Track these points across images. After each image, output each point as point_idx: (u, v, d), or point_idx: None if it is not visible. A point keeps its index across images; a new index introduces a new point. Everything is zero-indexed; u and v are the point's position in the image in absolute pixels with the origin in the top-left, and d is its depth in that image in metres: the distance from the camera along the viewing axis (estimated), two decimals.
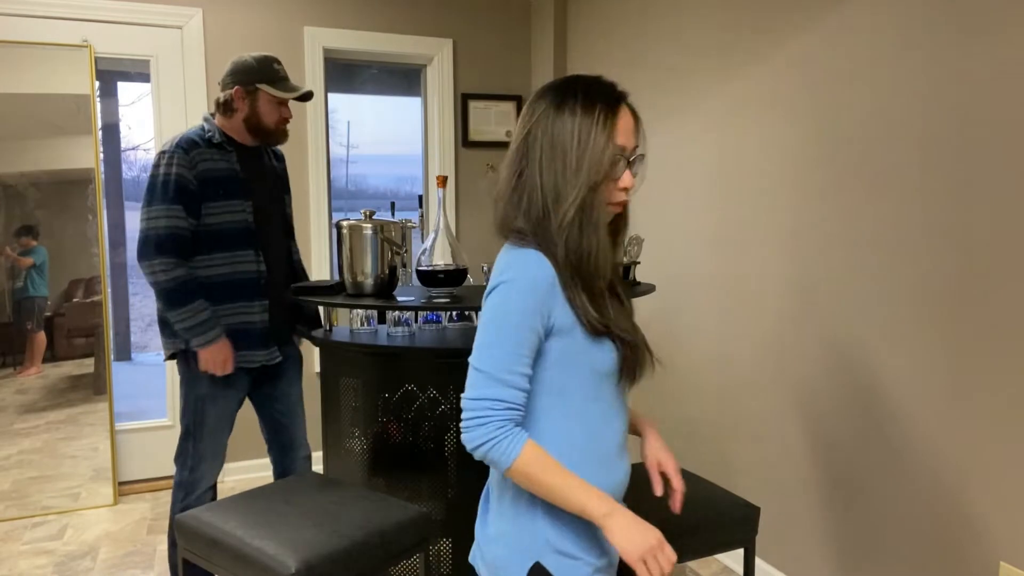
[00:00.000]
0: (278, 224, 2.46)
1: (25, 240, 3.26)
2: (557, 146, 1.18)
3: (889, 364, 2.10)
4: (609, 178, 1.19)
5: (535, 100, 1.23)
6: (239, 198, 2.27)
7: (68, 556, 2.87)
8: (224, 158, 2.27)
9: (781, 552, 2.54)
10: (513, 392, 1.14)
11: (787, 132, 2.43)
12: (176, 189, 2.17)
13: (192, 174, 2.20)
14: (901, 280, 2.05)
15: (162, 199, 2.17)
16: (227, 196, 2.25)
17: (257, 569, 1.63)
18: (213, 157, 2.25)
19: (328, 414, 2.41)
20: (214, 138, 2.26)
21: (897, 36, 2.04)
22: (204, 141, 2.25)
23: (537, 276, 1.15)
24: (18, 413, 3.26)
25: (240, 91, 2.27)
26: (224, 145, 2.28)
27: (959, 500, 1.93)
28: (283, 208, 2.51)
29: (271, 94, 2.29)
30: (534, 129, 1.20)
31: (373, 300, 2.13)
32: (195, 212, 2.21)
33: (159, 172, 2.20)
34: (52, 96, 3.25)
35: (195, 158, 2.21)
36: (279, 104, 2.32)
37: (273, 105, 2.31)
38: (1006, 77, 1.76)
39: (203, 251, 2.24)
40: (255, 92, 2.28)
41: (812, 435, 2.39)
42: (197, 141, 2.24)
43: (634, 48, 3.25)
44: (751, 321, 2.64)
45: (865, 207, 2.16)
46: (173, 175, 2.17)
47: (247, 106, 2.29)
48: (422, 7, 3.83)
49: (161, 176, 2.19)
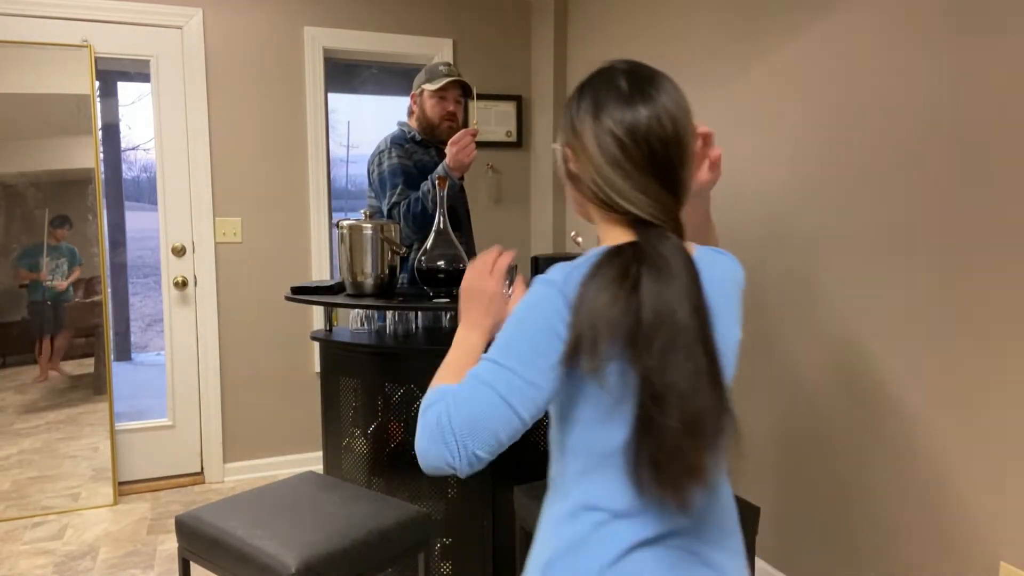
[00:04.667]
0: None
1: (60, 232, 3.28)
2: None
3: (889, 364, 2.10)
4: None
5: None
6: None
7: (68, 556, 2.87)
8: (426, 153, 2.63)
9: (781, 552, 2.54)
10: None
11: (786, 132, 2.43)
12: (402, 173, 2.53)
13: (411, 163, 2.57)
14: (901, 279, 2.05)
15: (392, 184, 2.52)
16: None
17: (257, 569, 1.63)
18: (419, 152, 2.61)
19: (328, 414, 2.41)
20: (416, 137, 2.64)
21: (896, 36, 2.04)
22: (410, 139, 2.62)
23: None
24: (18, 413, 3.26)
25: (414, 96, 2.65)
26: (423, 143, 2.64)
27: (959, 500, 1.93)
28: (461, 212, 2.78)
29: (430, 90, 2.60)
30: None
31: (373, 300, 2.13)
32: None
33: (386, 163, 2.56)
34: (52, 96, 3.25)
35: (409, 151, 2.59)
36: (440, 99, 2.60)
37: (435, 101, 2.60)
38: (1006, 77, 1.76)
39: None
40: (420, 94, 2.63)
41: (812, 435, 2.39)
42: (405, 139, 2.62)
43: (634, 48, 3.25)
44: (750, 321, 2.63)
45: (864, 207, 2.16)
46: (397, 164, 2.54)
47: (418, 107, 2.64)
48: (422, 7, 3.83)
49: (387, 167, 2.55)
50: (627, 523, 0.99)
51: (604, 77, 1.07)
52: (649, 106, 1.02)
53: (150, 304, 6.11)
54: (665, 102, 1.03)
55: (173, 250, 3.53)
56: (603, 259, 0.97)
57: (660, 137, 1.01)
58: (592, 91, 1.07)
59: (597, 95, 1.05)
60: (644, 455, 0.95)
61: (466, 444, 0.93)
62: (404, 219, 2.50)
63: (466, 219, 2.79)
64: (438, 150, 2.64)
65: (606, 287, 0.94)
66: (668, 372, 0.92)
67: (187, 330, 3.57)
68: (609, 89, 1.05)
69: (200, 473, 3.64)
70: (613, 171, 1.01)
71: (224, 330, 3.60)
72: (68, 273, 3.30)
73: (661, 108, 1.02)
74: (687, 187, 1.06)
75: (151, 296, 4.76)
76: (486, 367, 0.97)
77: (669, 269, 0.95)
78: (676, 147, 1.02)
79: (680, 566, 1.00)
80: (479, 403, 0.95)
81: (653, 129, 1.01)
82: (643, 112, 1.01)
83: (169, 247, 3.52)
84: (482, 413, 0.94)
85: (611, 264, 0.96)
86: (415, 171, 2.56)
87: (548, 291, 0.98)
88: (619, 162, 1.01)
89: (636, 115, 1.01)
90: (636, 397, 0.95)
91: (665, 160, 1.01)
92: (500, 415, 0.95)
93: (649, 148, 1.01)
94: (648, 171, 1.01)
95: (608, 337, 0.92)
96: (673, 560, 0.99)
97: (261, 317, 3.65)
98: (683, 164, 1.04)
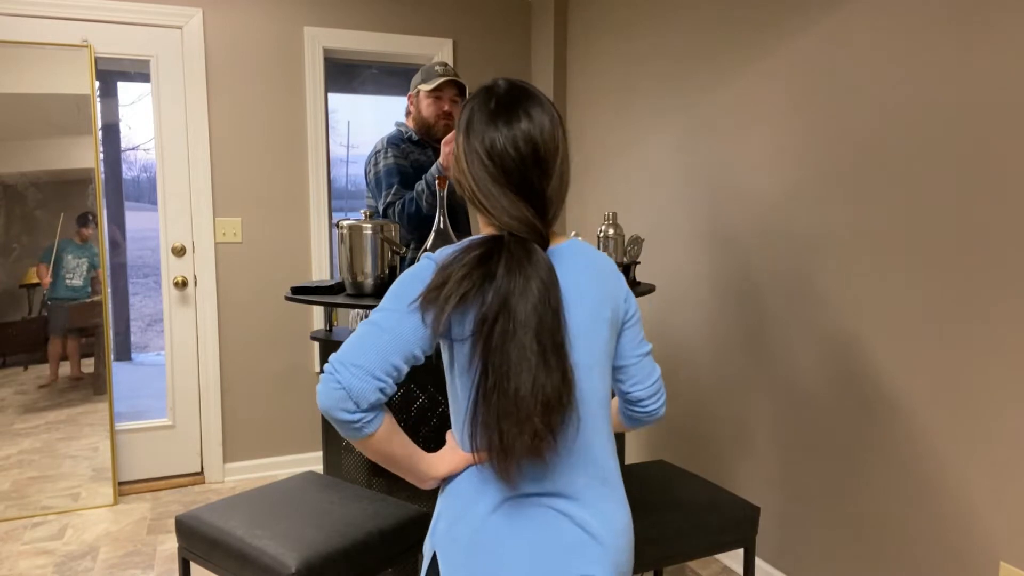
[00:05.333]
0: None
1: (85, 231, 3.28)
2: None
3: (889, 364, 2.10)
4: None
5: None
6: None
7: (68, 556, 2.87)
8: (423, 153, 2.65)
9: (781, 552, 2.54)
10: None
11: (786, 132, 2.43)
12: (398, 173, 2.56)
13: (407, 163, 2.59)
14: (901, 279, 2.05)
15: (387, 184, 2.55)
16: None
17: (257, 569, 1.63)
18: (416, 152, 2.63)
19: None
20: (413, 137, 2.65)
21: (896, 37, 2.04)
22: (407, 139, 2.64)
23: None
24: (18, 413, 3.26)
25: (410, 96, 2.66)
26: (419, 143, 2.66)
27: (959, 500, 1.93)
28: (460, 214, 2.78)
29: (425, 90, 2.61)
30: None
31: (373, 300, 2.13)
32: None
33: (382, 163, 2.59)
34: (52, 96, 3.25)
35: (405, 151, 2.61)
36: (436, 99, 2.60)
37: (431, 101, 2.61)
38: (1005, 77, 1.76)
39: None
40: (416, 94, 2.65)
41: (812, 435, 2.39)
42: (401, 139, 2.64)
43: (634, 48, 3.25)
44: (751, 321, 2.64)
45: (863, 207, 2.16)
46: (393, 163, 2.57)
47: (415, 107, 2.66)
48: (422, 7, 3.83)
49: (383, 166, 2.58)
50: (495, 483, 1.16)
51: (482, 96, 1.22)
52: (509, 128, 1.16)
53: (150, 304, 6.11)
54: (525, 126, 1.16)
55: (173, 250, 3.53)
56: (473, 244, 1.14)
57: (514, 158, 1.15)
58: (469, 108, 1.21)
59: (472, 113, 1.20)
60: (476, 426, 1.12)
61: (344, 361, 1.08)
62: (399, 218, 2.53)
63: (464, 218, 2.80)
64: (435, 150, 2.66)
65: (467, 263, 1.11)
66: (502, 354, 1.08)
67: (187, 330, 3.57)
68: (482, 108, 1.19)
69: (200, 473, 3.64)
70: (477, 183, 1.17)
71: (224, 330, 3.60)
72: (87, 273, 3.32)
73: (520, 131, 1.16)
74: (551, 201, 1.19)
75: (151, 296, 4.77)
76: (361, 322, 1.15)
77: (524, 271, 1.10)
78: (534, 167, 1.16)
79: (537, 519, 1.16)
80: (353, 337, 1.11)
81: (507, 150, 1.15)
82: (503, 132, 1.15)
83: (169, 247, 3.52)
84: (355, 339, 1.10)
85: (478, 248, 1.13)
86: (411, 171, 2.59)
87: (426, 262, 1.16)
88: (481, 176, 1.17)
89: (495, 136, 1.16)
90: (476, 371, 1.11)
91: (520, 179, 1.16)
92: (369, 332, 1.10)
93: (504, 166, 1.15)
94: (507, 186, 1.16)
95: (454, 300, 1.08)
96: (531, 515, 1.16)
97: (261, 317, 3.65)
98: (543, 181, 1.17)
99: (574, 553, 1.16)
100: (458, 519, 1.17)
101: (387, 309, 1.12)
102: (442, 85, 2.60)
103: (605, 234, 2.39)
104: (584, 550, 1.17)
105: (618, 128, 3.41)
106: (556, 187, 1.20)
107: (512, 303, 1.09)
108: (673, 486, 1.98)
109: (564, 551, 1.15)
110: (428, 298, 1.10)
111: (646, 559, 1.76)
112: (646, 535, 1.75)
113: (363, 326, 1.12)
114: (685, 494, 1.93)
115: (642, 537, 1.74)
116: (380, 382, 1.08)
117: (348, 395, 1.07)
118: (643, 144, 3.23)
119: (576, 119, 3.79)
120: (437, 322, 1.10)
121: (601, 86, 3.52)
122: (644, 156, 3.23)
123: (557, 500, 1.17)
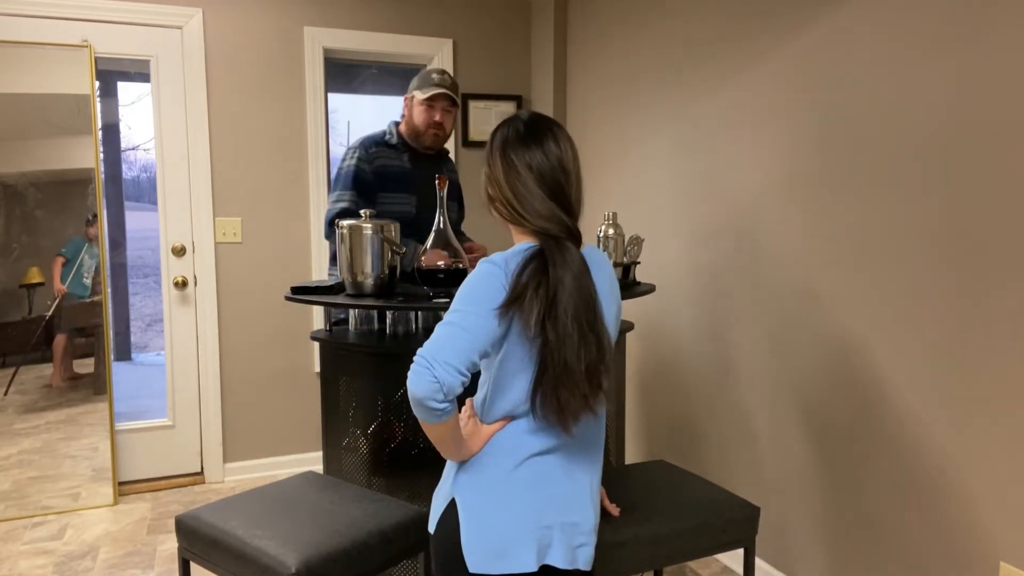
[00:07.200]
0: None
1: (91, 230, 3.29)
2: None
3: (889, 364, 2.10)
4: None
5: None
6: (406, 192, 2.61)
7: (68, 556, 2.87)
8: (397, 157, 2.64)
9: (781, 552, 2.54)
10: None
11: (786, 132, 2.43)
12: (353, 177, 2.55)
13: (370, 167, 2.57)
14: (901, 279, 2.06)
15: (342, 186, 2.56)
16: (395, 189, 2.60)
17: (257, 569, 1.63)
18: (388, 156, 2.62)
19: (328, 414, 2.41)
20: (391, 140, 2.64)
21: (896, 37, 2.04)
22: (383, 142, 2.64)
23: None
24: (18, 413, 3.26)
25: (406, 99, 2.65)
26: (398, 146, 2.64)
27: (959, 500, 1.93)
28: (451, 214, 2.68)
29: (419, 98, 2.58)
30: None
31: (373, 300, 2.13)
32: (370, 199, 2.54)
33: (343, 164, 2.59)
34: (52, 96, 3.25)
35: (374, 154, 2.60)
36: (428, 108, 2.58)
37: (423, 108, 2.58)
38: (1005, 78, 1.76)
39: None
40: (411, 99, 2.62)
41: (812, 435, 2.39)
42: (377, 141, 2.64)
43: (634, 48, 3.25)
44: (751, 321, 2.64)
45: (863, 207, 2.16)
46: (353, 166, 2.57)
47: (408, 111, 2.64)
48: (422, 7, 3.83)
49: (344, 167, 2.58)
50: (530, 437, 1.40)
51: (510, 125, 1.46)
52: (540, 146, 1.41)
53: (150, 304, 6.10)
54: (550, 145, 1.42)
55: (173, 250, 3.53)
56: (531, 255, 1.36)
57: (548, 166, 1.40)
58: (501, 135, 1.45)
59: (505, 138, 1.44)
60: (545, 387, 1.34)
61: (436, 358, 1.26)
62: (326, 220, 2.56)
63: (456, 216, 2.84)
64: (413, 155, 2.66)
65: (533, 273, 1.34)
66: (555, 336, 1.32)
67: (187, 330, 3.57)
68: (513, 134, 1.44)
69: (200, 473, 3.64)
70: (515, 194, 1.41)
71: (224, 330, 3.60)
72: (94, 270, 3.33)
73: (550, 148, 1.42)
74: (576, 203, 1.45)
75: (151, 296, 4.76)
76: (443, 323, 1.31)
77: (566, 267, 1.35)
78: (562, 173, 1.42)
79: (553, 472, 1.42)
80: (440, 335, 1.29)
81: (544, 160, 1.40)
82: (536, 150, 1.41)
83: (169, 247, 3.52)
84: (442, 338, 1.29)
85: (534, 259, 1.36)
86: (370, 178, 2.57)
87: (493, 268, 1.35)
88: (517, 187, 1.40)
89: (530, 152, 1.41)
90: (541, 347, 1.34)
91: (554, 183, 1.41)
92: (455, 334, 1.29)
93: (540, 173, 1.40)
94: (542, 191, 1.40)
95: (533, 299, 1.31)
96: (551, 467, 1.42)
97: (261, 317, 3.65)
98: (570, 186, 1.43)
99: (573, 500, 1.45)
100: (483, 470, 1.40)
101: (466, 311, 1.31)
102: (435, 96, 2.59)
103: (605, 234, 2.38)
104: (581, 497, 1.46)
105: (618, 127, 3.41)
106: (578, 197, 1.45)
107: (560, 295, 1.32)
108: (673, 486, 1.98)
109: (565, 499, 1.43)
110: (513, 306, 1.31)
111: (646, 559, 1.76)
112: (646, 535, 1.75)
113: (446, 327, 1.30)
114: (685, 494, 1.93)
115: (642, 537, 1.74)
116: (463, 376, 1.27)
117: (441, 388, 1.25)
118: (643, 144, 3.23)
119: (576, 118, 3.79)
120: (527, 326, 1.32)
121: (601, 85, 3.52)
122: (644, 155, 3.23)
123: (571, 458, 1.44)
